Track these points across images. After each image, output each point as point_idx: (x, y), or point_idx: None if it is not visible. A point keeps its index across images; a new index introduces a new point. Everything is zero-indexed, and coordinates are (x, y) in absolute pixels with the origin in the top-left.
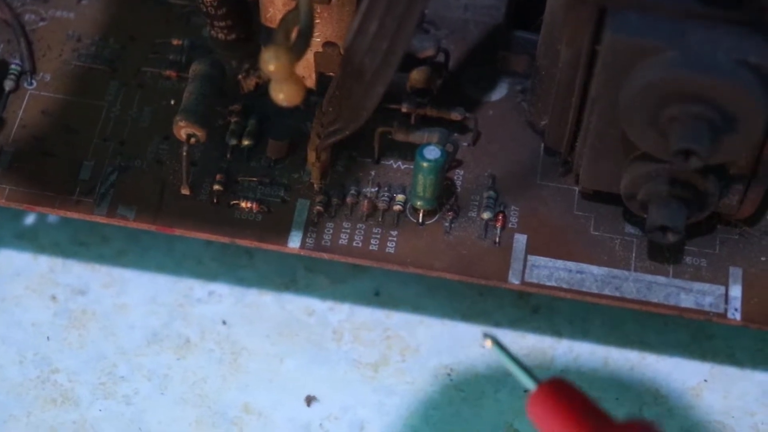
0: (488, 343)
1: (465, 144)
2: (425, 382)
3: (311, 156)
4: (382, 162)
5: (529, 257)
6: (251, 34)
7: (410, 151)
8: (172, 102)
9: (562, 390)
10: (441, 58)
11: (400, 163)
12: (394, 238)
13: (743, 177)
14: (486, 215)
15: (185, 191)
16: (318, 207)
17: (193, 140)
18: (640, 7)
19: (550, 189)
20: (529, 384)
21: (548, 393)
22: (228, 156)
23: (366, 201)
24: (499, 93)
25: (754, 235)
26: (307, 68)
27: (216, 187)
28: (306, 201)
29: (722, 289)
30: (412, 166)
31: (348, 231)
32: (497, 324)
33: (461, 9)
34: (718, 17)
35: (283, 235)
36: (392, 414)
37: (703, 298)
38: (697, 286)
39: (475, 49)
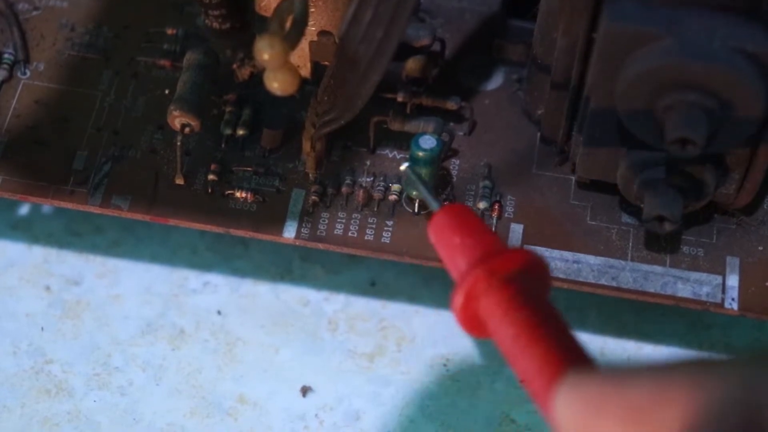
0: (402, 167)
1: (461, 133)
2: (421, 373)
3: (306, 145)
4: (378, 151)
5: (526, 247)
6: (246, 23)
7: (406, 141)
8: (167, 91)
9: (461, 213)
10: (437, 47)
11: (395, 152)
12: (390, 228)
13: (740, 166)
14: (482, 205)
15: (179, 181)
16: (313, 197)
17: (187, 130)
18: None
19: (547, 178)
20: (435, 206)
21: (446, 217)
22: (222, 145)
23: (361, 191)
24: (495, 82)
25: (752, 225)
26: (301, 57)
27: (210, 176)
28: (301, 191)
29: (719, 278)
30: (407, 156)
31: (343, 221)
32: None
33: None
34: (714, 5)
35: (278, 225)
36: (388, 404)
37: (700, 288)
38: (695, 275)
39: (471, 38)
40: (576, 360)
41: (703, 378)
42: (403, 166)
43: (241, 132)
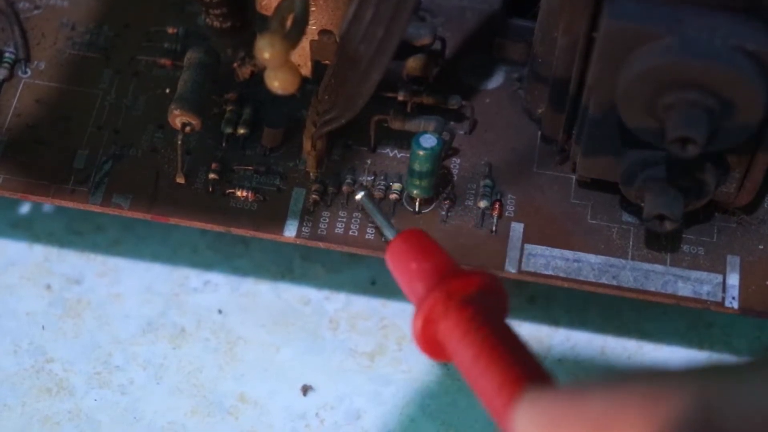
0: (358, 197)
1: (461, 132)
2: (421, 372)
3: (307, 144)
4: (378, 150)
5: (526, 246)
6: (246, 22)
7: (406, 140)
8: (167, 90)
9: (417, 238)
10: (437, 45)
11: (396, 151)
12: None
13: (741, 165)
14: (483, 204)
15: (180, 180)
16: (314, 196)
17: (188, 129)
18: None
19: (547, 177)
20: (390, 235)
21: (402, 242)
22: (223, 144)
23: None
24: (495, 81)
25: (752, 224)
26: (302, 56)
27: (211, 175)
28: (302, 190)
29: (720, 277)
30: (408, 155)
31: (344, 220)
32: None
33: None
34: (715, 3)
35: (278, 224)
36: (388, 403)
37: (700, 287)
38: (695, 274)
39: (472, 37)
40: (535, 378)
41: (661, 391)
42: (359, 195)
43: (241, 131)
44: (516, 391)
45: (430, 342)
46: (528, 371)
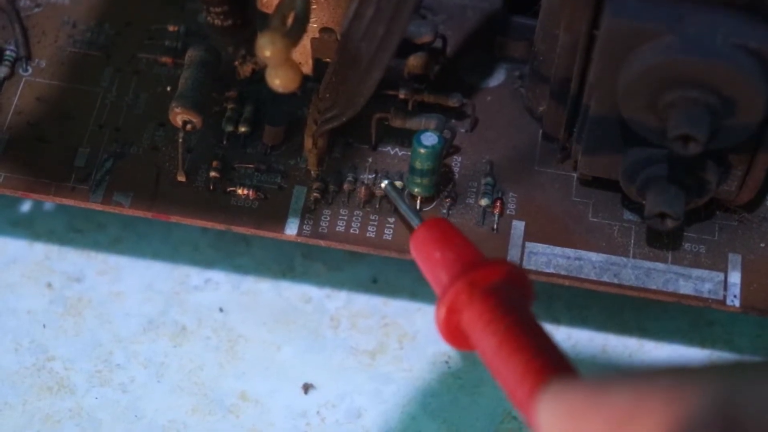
0: (383, 184)
1: (462, 130)
2: (423, 370)
3: (308, 142)
4: (379, 148)
5: (527, 244)
6: (247, 20)
7: (407, 138)
8: (168, 88)
9: (441, 227)
10: (438, 43)
11: (397, 149)
12: (392, 225)
13: (742, 162)
14: (484, 202)
15: (181, 178)
16: (315, 194)
17: (189, 127)
18: None
19: (549, 175)
20: (414, 224)
21: (426, 231)
22: (224, 142)
23: (363, 187)
24: (497, 79)
25: (753, 222)
26: (303, 54)
27: (212, 173)
28: (303, 188)
29: (721, 275)
30: (409, 153)
31: (345, 218)
32: None
33: None
34: (716, 1)
35: (279, 222)
36: (390, 402)
37: (702, 285)
38: (696, 272)
39: (473, 35)
40: (559, 368)
41: (683, 386)
42: (384, 183)
43: (242, 129)
44: (540, 381)
45: (453, 331)
46: (552, 362)
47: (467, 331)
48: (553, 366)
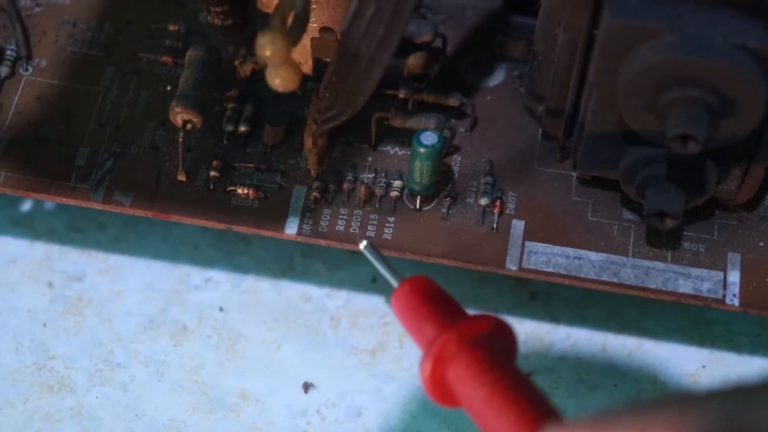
0: (361, 246)
1: (462, 130)
2: None
3: (308, 142)
4: (379, 148)
5: (527, 243)
6: (248, 20)
7: (407, 137)
8: (169, 88)
9: (421, 286)
10: (438, 43)
11: (397, 149)
12: (392, 225)
13: (741, 162)
14: (483, 201)
15: (181, 177)
16: (315, 193)
17: (189, 126)
18: None
19: (548, 174)
20: (395, 282)
21: (409, 288)
22: (224, 142)
23: (363, 187)
24: (496, 78)
25: (753, 221)
26: (303, 53)
27: (212, 173)
28: (303, 187)
29: (720, 274)
30: (409, 152)
31: (345, 217)
32: (495, 310)
33: None
34: (716, 1)
35: (280, 222)
36: (390, 400)
37: (701, 284)
38: (696, 271)
39: (473, 35)
40: (550, 417)
41: (684, 417)
42: (362, 245)
43: (242, 128)
44: (534, 429)
45: (438, 385)
46: (543, 411)
47: (453, 384)
48: (546, 415)
